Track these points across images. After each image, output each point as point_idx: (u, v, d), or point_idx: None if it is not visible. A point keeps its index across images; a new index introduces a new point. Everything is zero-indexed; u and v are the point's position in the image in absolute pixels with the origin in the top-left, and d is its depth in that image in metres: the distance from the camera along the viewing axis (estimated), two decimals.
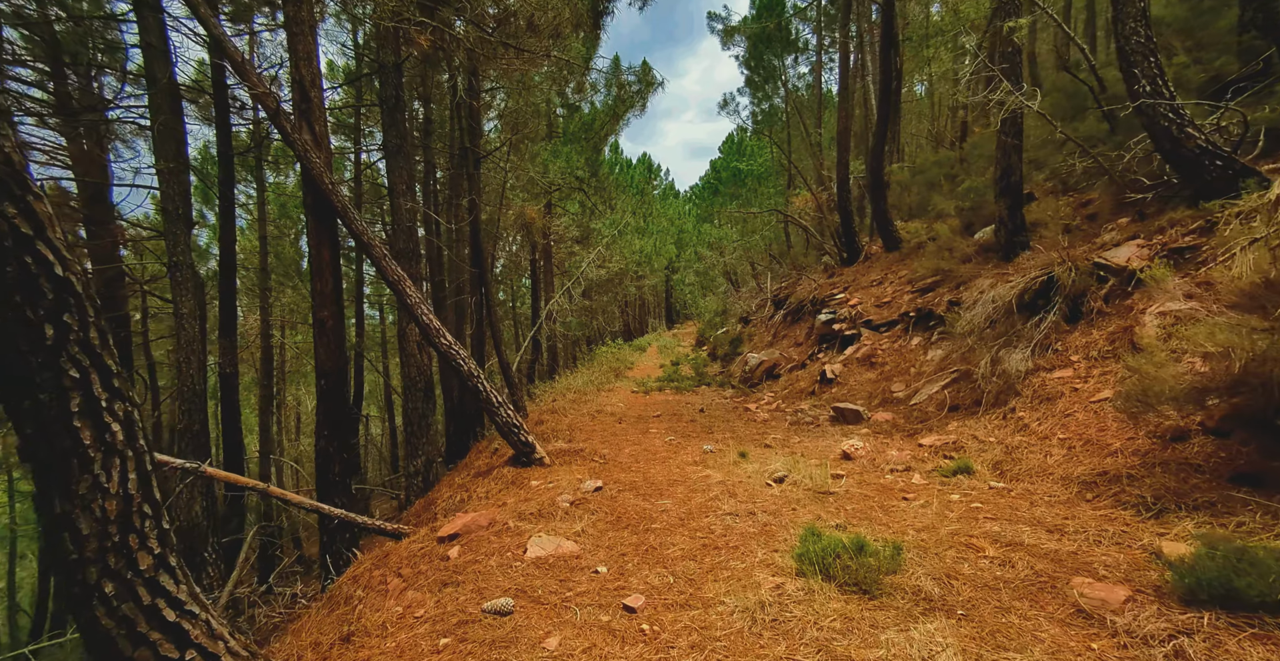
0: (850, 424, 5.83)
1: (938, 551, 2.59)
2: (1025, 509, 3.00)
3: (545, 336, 14.87)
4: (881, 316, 8.18)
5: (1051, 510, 2.93)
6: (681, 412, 7.75)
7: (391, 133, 5.96)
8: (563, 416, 7.55)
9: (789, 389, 8.61)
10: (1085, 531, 2.59)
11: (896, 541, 2.61)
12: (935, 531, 2.83)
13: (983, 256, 7.06)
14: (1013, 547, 2.54)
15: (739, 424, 6.58)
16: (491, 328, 9.94)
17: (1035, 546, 2.53)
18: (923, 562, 2.48)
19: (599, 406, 8.62)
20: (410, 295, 4.81)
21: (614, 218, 17.14)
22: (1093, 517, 2.73)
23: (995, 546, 2.57)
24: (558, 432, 6.28)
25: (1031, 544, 2.56)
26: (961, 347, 5.39)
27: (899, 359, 6.96)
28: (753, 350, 13.65)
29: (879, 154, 10.19)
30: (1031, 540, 2.60)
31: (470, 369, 4.88)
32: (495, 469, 5.01)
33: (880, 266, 10.34)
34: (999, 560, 2.43)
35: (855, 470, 4.13)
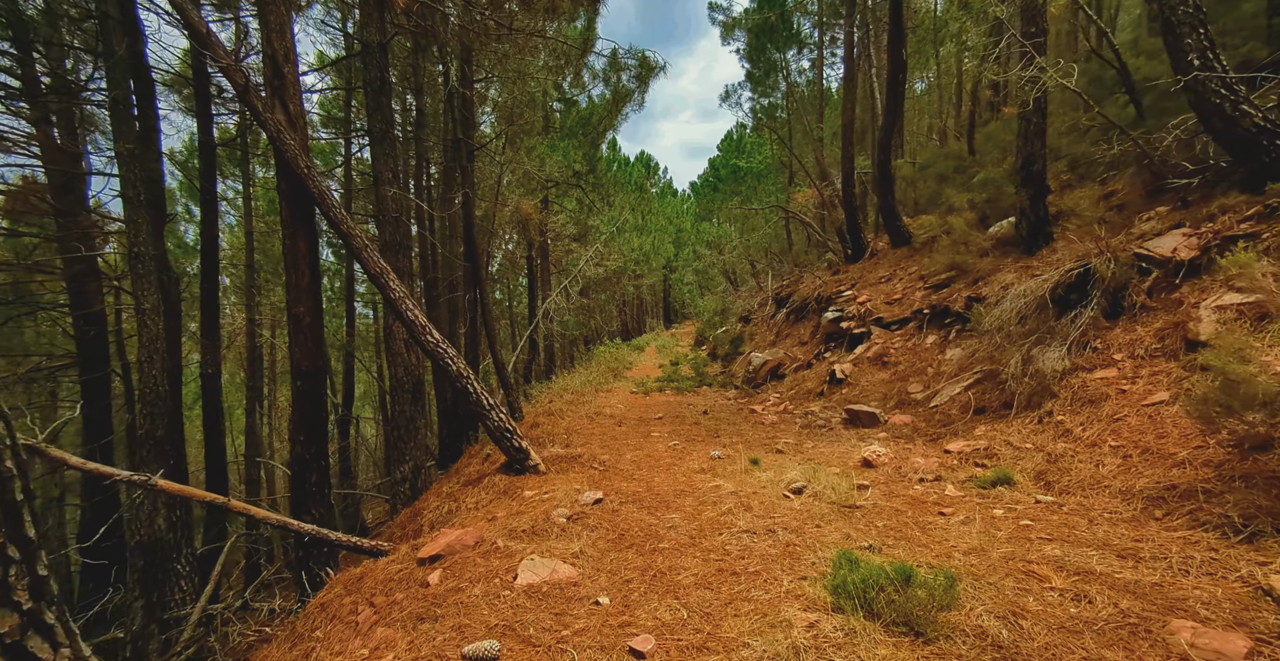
0: (866, 427, 5.46)
1: (994, 581, 2.22)
2: (1084, 528, 2.64)
3: (542, 336, 14.48)
4: (893, 314, 7.83)
5: (1116, 530, 2.57)
6: (684, 414, 7.38)
7: (376, 117, 5.57)
8: (560, 419, 7.17)
9: (795, 389, 8.25)
10: (1165, 557, 2.23)
11: (946, 568, 2.25)
12: (985, 555, 2.47)
13: (1001, 250, 6.70)
14: (1083, 577, 2.18)
15: (746, 427, 6.21)
16: (486, 326, 9.56)
17: (1110, 576, 2.16)
18: (979, 595, 2.11)
19: (597, 408, 8.24)
20: (394, 289, 4.43)
21: (612, 215, 16.77)
22: (1169, 540, 2.37)
23: (1061, 575, 2.20)
24: (554, 436, 5.90)
25: (1104, 572, 2.19)
26: (986, 346, 5.03)
27: (914, 358, 6.60)
28: (755, 349, 13.29)
29: (886, 146, 9.83)
30: (1103, 567, 2.23)
31: (459, 369, 4.49)
32: (487, 477, 4.62)
33: (888, 263, 9.98)
34: (1070, 593, 2.06)
35: (880, 479, 3.76)
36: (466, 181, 9.34)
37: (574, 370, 15.99)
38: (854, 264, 11.55)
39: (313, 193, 4.27)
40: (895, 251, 10.34)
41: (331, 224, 4.34)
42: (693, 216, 33.43)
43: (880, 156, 9.93)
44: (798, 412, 6.78)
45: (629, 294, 28.90)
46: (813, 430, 5.70)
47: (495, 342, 9.55)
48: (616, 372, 14.42)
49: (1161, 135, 4.43)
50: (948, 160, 9.49)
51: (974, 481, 3.44)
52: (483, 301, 9.56)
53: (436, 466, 11.23)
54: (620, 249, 19.49)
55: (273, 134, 4.22)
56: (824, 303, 10.45)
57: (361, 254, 4.37)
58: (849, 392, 6.80)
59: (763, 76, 16.45)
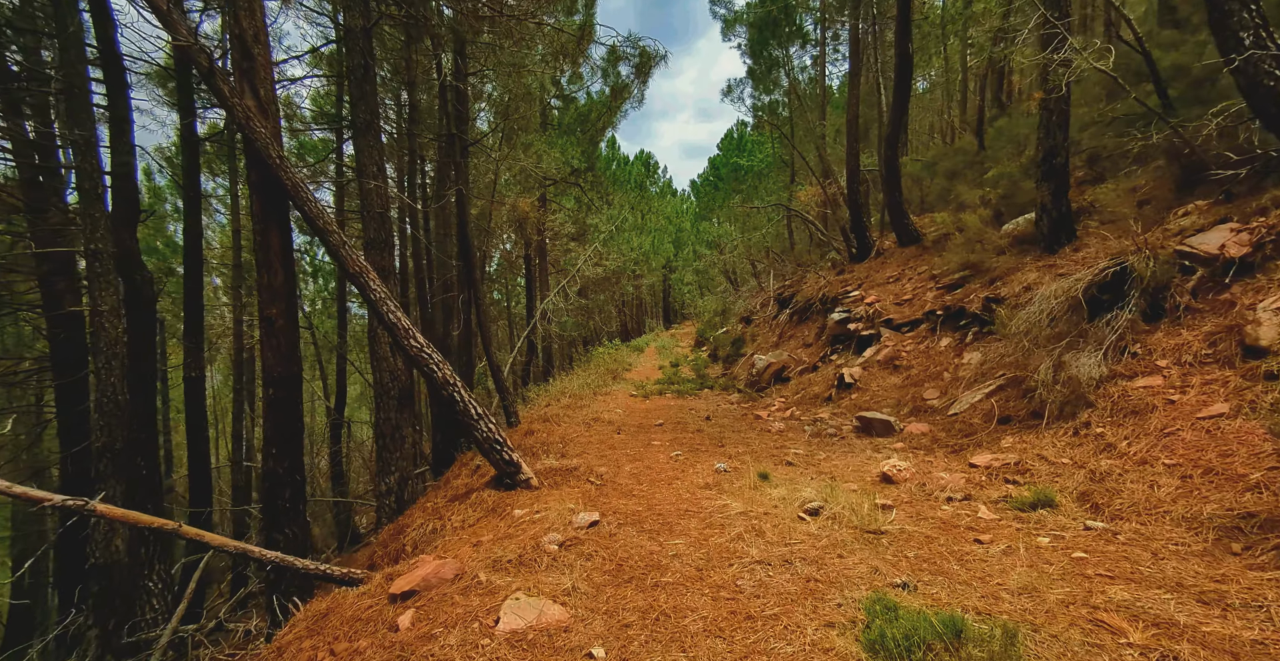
0: (880, 436, 5.12)
1: (1057, 632, 1.88)
2: (1149, 563, 2.30)
3: (540, 337, 14.14)
4: (903, 315, 7.49)
5: (1187, 566, 2.23)
6: (686, 421, 7.04)
7: (360, 107, 5.23)
8: (555, 425, 6.82)
9: (801, 394, 7.91)
10: (1261, 605, 1.89)
11: (999, 617, 1.91)
12: (1039, 597, 2.13)
13: (1019, 249, 6.37)
14: (1164, 629, 1.84)
15: (752, 435, 5.87)
16: (481, 328, 9.22)
17: (1196, 629, 1.83)
18: (1044, 652, 1.77)
19: (595, 413, 7.90)
20: (375, 290, 4.08)
21: (611, 213, 16.42)
22: (1258, 582, 2.03)
23: (1138, 627, 1.87)
24: (549, 446, 5.56)
25: (1188, 624, 1.86)
26: (1010, 350, 4.69)
27: (927, 362, 6.26)
28: (758, 351, 12.95)
29: (894, 142, 9.50)
30: (1185, 616, 1.90)
31: (445, 376, 4.15)
32: (475, 491, 4.28)
33: (895, 262, 9.65)
34: (1156, 653, 1.73)
35: (903, 498, 3.43)
36: (460, 178, 9.01)
37: (572, 372, 15.65)
38: (859, 263, 11.22)
39: (285, 185, 3.93)
40: (903, 250, 10.01)
41: (307, 219, 4.00)
42: (692, 216, 33.07)
43: (887, 152, 9.60)
44: (806, 419, 6.44)
45: (628, 294, 28.56)
46: (823, 439, 5.36)
47: (490, 345, 9.22)
48: (615, 375, 14.07)
49: (1202, 123, 4.10)
50: (957, 156, 9.16)
51: (1009, 502, 3.10)
52: (477, 302, 9.23)
53: (431, 471, 10.89)
54: (619, 248, 19.15)
55: (241, 121, 3.87)
56: (829, 303, 10.11)
57: (339, 251, 4.03)
58: (859, 398, 6.46)
59: (765, 73, 16.12)
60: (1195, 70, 5.02)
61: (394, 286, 5.37)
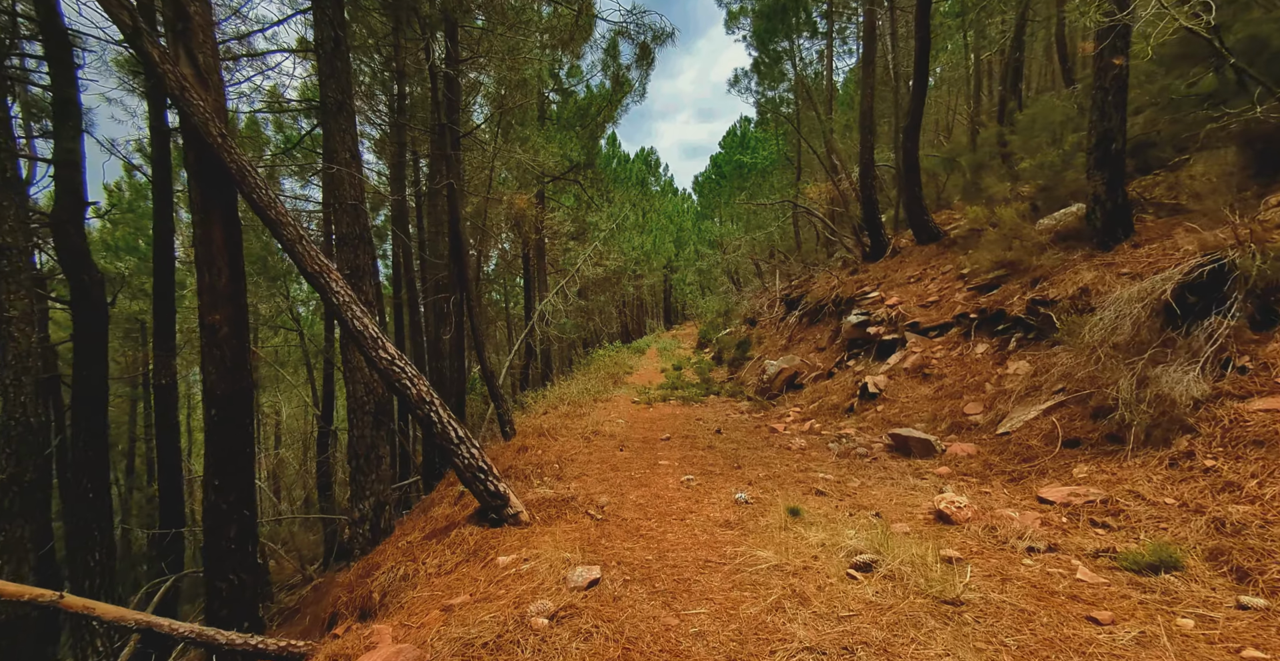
0: (919, 458, 4.49)
1: None
2: None
3: (538, 340, 13.51)
4: (930, 318, 6.85)
5: None
6: (695, 433, 6.40)
7: (330, 85, 4.61)
8: (552, 440, 6.19)
9: (818, 403, 7.27)
10: None
11: None
12: None
13: (1063, 245, 5.73)
14: None
15: (770, 453, 5.23)
16: (473, 331, 8.59)
17: None
18: None
19: (596, 424, 7.27)
20: (338, 293, 3.46)
21: (611, 211, 15.79)
22: None
23: None
24: (544, 467, 4.92)
25: None
26: (1077, 361, 4.05)
27: (963, 371, 5.62)
28: (765, 354, 12.31)
29: (913, 133, 8.86)
30: None
31: (420, 393, 3.52)
32: (456, 527, 3.65)
33: (915, 261, 9.01)
34: None
35: (970, 546, 2.79)
36: (451, 171, 8.38)
37: (572, 375, 15.02)
38: (874, 262, 10.58)
39: (230, 169, 3.31)
40: (921, 248, 9.37)
41: (256, 209, 3.38)
42: (694, 215, 32.42)
43: (906, 144, 8.96)
44: (829, 435, 5.81)
45: (629, 294, 27.93)
46: (853, 460, 4.72)
47: (484, 349, 8.59)
48: (616, 379, 13.44)
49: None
50: (982, 148, 8.52)
51: (1115, 559, 2.46)
52: (469, 304, 8.60)
53: (422, 482, 10.26)
54: (620, 247, 18.51)
55: (174, 92, 3.24)
56: (844, 305, 9.48)
57: (294, 247, 3.40)
58: (886, 411, 5.82)
59: (771, 65, 15.47)
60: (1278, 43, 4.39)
61: (372, 288, 4.74)
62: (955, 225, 9.48)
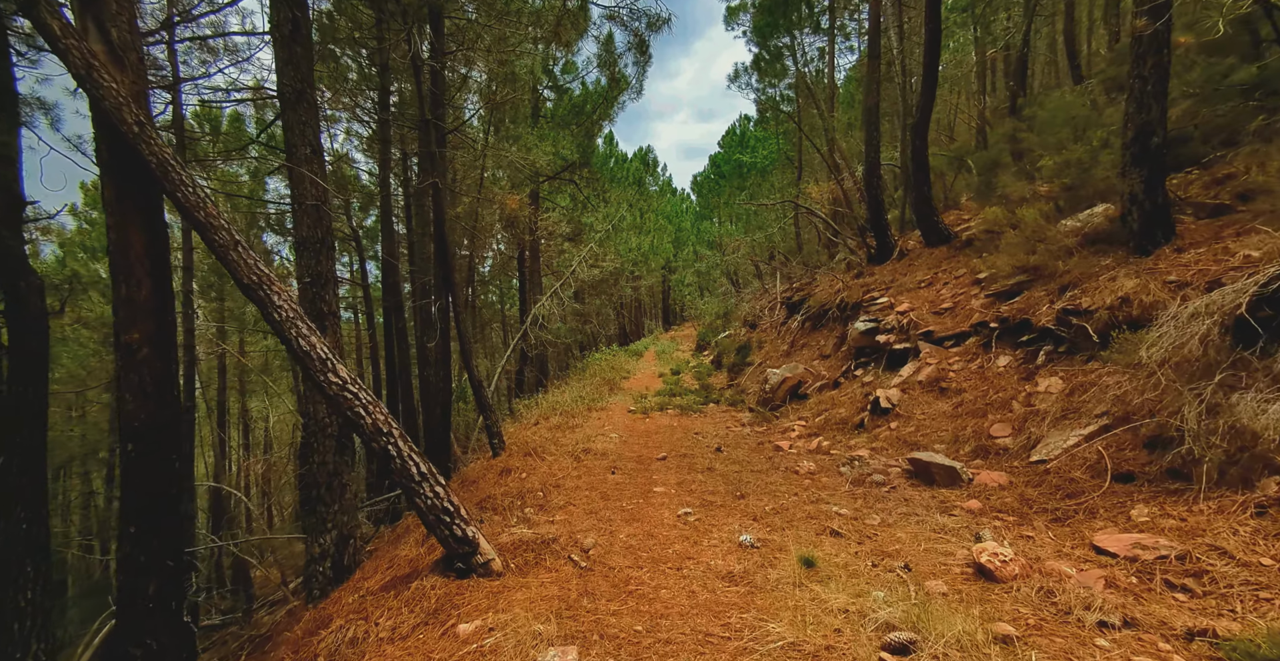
0: (943, 487, 4.00)
1: None
2: None
3: (531, 345, 13.01)
4: (944, 327, 6.37)
5: None
6: (693, 452, 5.91)
7: (288, 73, 4.10)
8: (539, 460, 5.69)
9: (825, 416, 6.79)
10: None
11: None
12: None
13: (1092, 249, 5.25)
14: None
15: (776, 478, 4.73)
16: (460, 338, 8.08)
17: None
18: None
19: (587, 439, 6.77)
20: (279, 307, 2.96)
21: (608, 211, 15.28)
22: None
23: None
24: (526, 494, 4.43)
25: None
26: (1130, 383, 3.57)
27: (984, 386, 5.14)
28: (766, 360, 11.83)
29: (922, 129, 8.38)
30: None
31: (375, 422, 3.03)
32: (418, 576, 3.16)
33: (925, 264, 8.53)
34: None
35: (1026, 617, 2.30)
36: (436, 169, 7.88)
37: (567, 381, 14.52)
38: (879, 265, 10.10)
39: (149, 162, 2.82)
40: (930, 251, 8.89)
41: (182, 210, 2.89)
42: (693, 216, 31.92)
43: (915, 142, 8.48)
44: (837, 454, 5.32)
45: (627, 296, 27.42)
46: (868, 489, 4.23)
47: (471, 358, 8.08)
48: (612, 385, 12.95)
49: None
50: (995, 145, 8.04)
51: (1216, 646, 1.97)
52: (455, 309, 8.09)
53: None
54: (616, 248, 18.00)
55: (79, 71, 2.74)
56: (849, 310, 8.99)
57: (227, 255, 2.90)
58: (901, 428, 5.34)
59: (772, 61, 14.98)
60: None
61: (332, 295, 4.25)
62: (966, 227, 9.00)
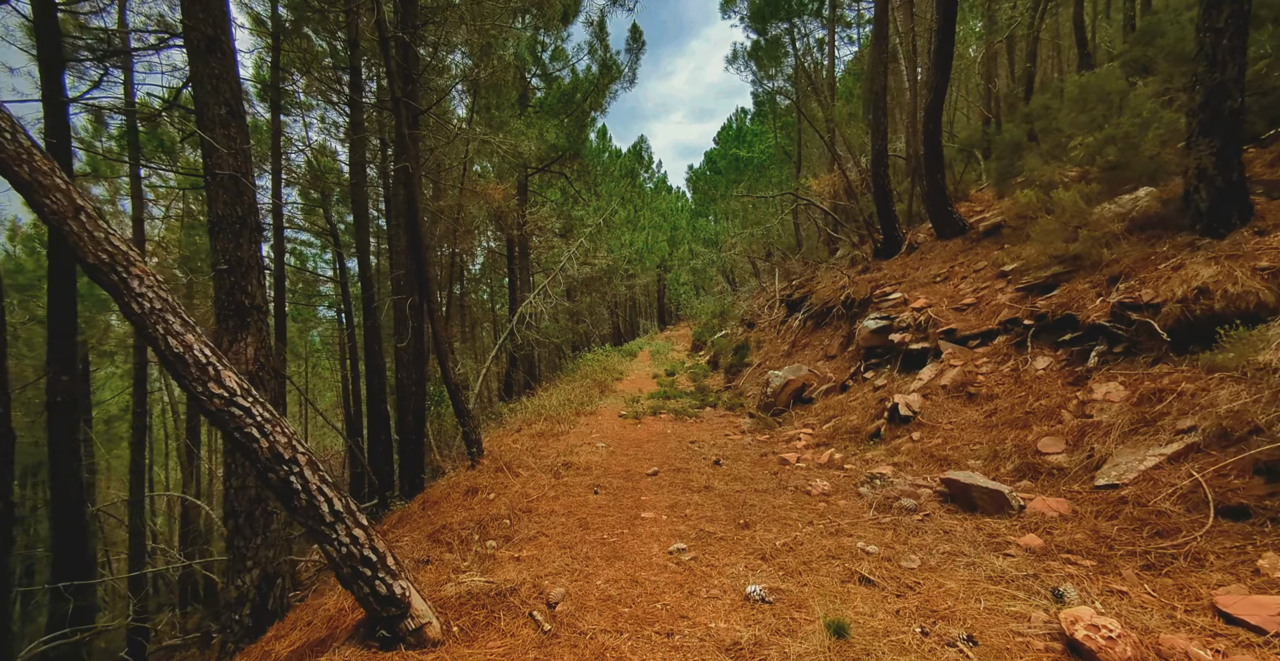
0: (988, 515, 3.30)
1: None
2: None
3: (517, 345, 12.27)
4: (968, 324, 5.67)
5: None
6: (688, 466, 5.19)
7: (195, 14, 3.34)
8: (512, 476, 4.96)
9: (834, 423, 6.09)
10: None
11: None
12: None
13: (1145, 234, 4.56)
14: None
15: (785, 500, 4.02)
16: (435, 339, 7.34)
17: None
18: None
19: (570, 450, 6.05)
20: (140, 296, 2.26)
21: (599, 205, 14.55)
22: None
23: None
24: (491, 522, 3.70)
25: None
26: (1228, 389, 2.87)
27: (1021, 392, 4.44)
28: (765, 361, 11.14)
29: (935, 111, 7.69)
30: None
31: (274, 446, 2.31)
32: (330, 645, 2.42)
33: (938, 257, 7.85)
34: None
35: None
36: (406, 153, 7.13)
37: (557, 383, 13.79)
38: (887, 260, 9.41)
39: None
40: (944, 244, 8.21)
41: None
42: (688, 214, 31.21)
43: (928, 124, 7.79)
44: (853, 469, 4.61)
45: (621, 295, 26.69)
46: (896, 516, 3.52)
47: (447, 360, 7.34)
48: (604, 387, 12.23)
49: None
50: (1020, 125, 7.36)
51: None
52: (429, 307, 7.34)
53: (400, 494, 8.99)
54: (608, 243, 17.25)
55: None
56: (856, 307, 8.30)
57: (64, 224, 2.17)
58: (926, 440, 4.63)
59: (770, 49, 14.27)
60: None
61: (256, 285, 3.52)
62: (980, 218, 8.33)
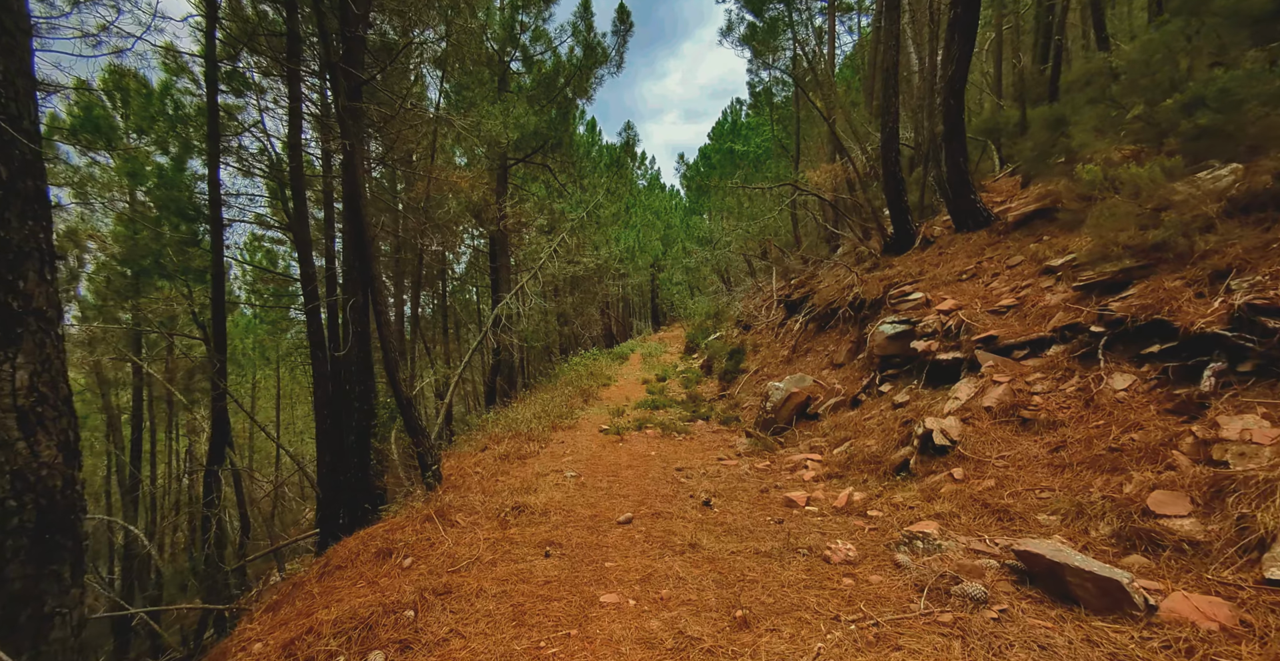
0: (1093, 613, 2.23)
1: None
2: None
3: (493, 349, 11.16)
4: (1011, 331, 4.62)
5: None
6: (671, 510, 4.11)
7: None
8: (444, 528, 3.85)
9: (847, 448, 5.03)
10: None
11: None
12: None
13: (1250, 219, 3.52)
14: None
15: (797, 572, 2.94)
16: (383, 344, 6.23)
17: None
18: None
19: (531, 483, 4.97)
20: None
21: (582, 197, 13.45)
22: None
23: None
24: (384, 621, 2.60)
25: None
26: None
27: (1098, 418, 3.39)
28: (763, 367, 10.08)
29: (958, 84, 6.65)
30: None
31: None
32: None
33: (962, 252, 6.80)
34: None
35: None
36: (347, 130, 6.04)
37: (539, 389, 12.69)
38: (898, 256, 8.36)
39: None
40: (966, 237, 7.17)
41: None
42: (682, 211, 30.14)
43: (949, 103, 6.75)
44: (880, 518, 3.53)
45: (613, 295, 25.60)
46: (959, 611, 2.45)
47: (395, 369, 6.24)
48: (588, 395, 11.14)
49: None
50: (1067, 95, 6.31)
51: None
52: (376, 308, 6.23)
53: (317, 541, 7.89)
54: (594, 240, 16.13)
55: None
56: (867, 308, 7.24)
57: None
58: (974, 481, 3.57)
59: (767, 33, 13.20)
60: None
61: (37, 281, 2.43)
62: (1005, 207, 7.30)
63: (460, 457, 7.39)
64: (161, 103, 9.94)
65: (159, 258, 9.85)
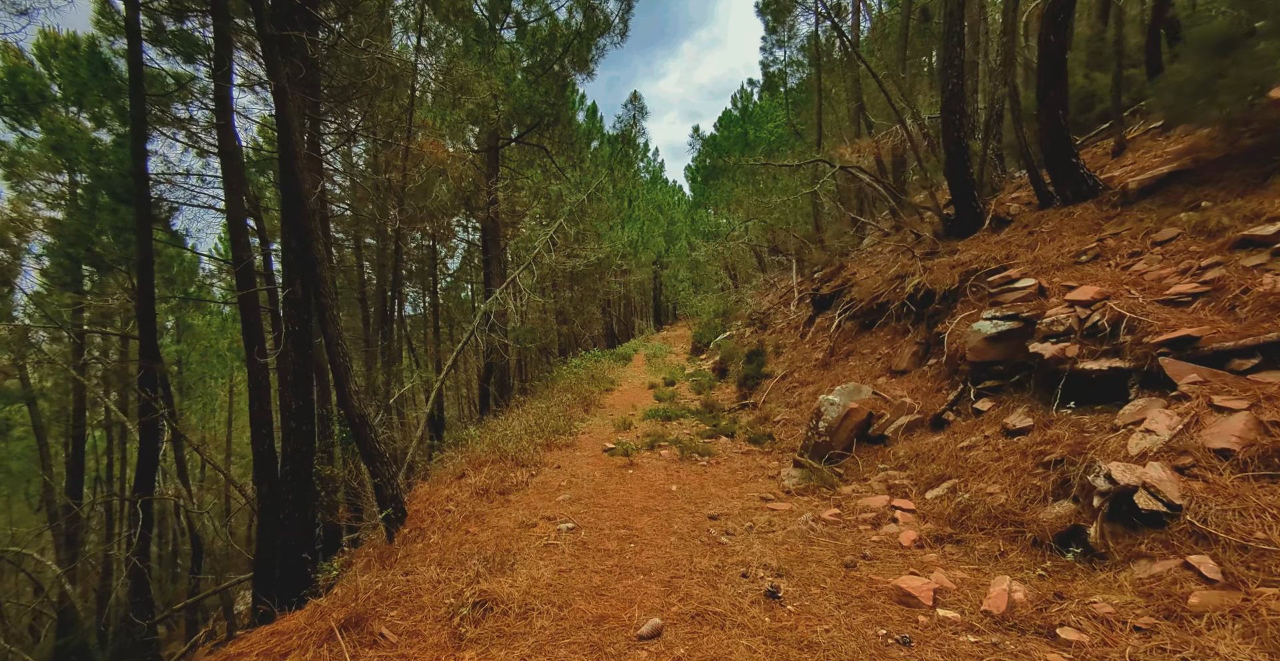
0: None
1: None
2: None
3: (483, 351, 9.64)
4: (1219, 331, 3.08)
5: None
6: (715, 608, 2.58)
7: None
8: (365, 641, 2.34)
9: (949, 495, 3.50)
10: None
11: None
12: None
13: None
14: None
15: None
16: (328, 347, 4.71)
17: None
18: None
19: (508, 546, 3.46)
20: None
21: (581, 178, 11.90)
22: None
23: None
24: None
25: None
26: None
27: None
28: (793, 371, 8.52)
29: (1066, 9, 5.09)
30: None
31: None
32: None
33: (1068, 229, 5.25)
34: None
35: None
36: (274, 66, 4.54)
37: (534, 395, 11.19)
38: (962, 239, 6.82)
39: None
40: (1066, 211, 5.63)
41: None
42: (686, 206, 28.57)
43: (1045, 29, 5.19)
44: (1083, 644, 2.01)
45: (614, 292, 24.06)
46: None
47: (345, 379, 4.73)
48: (589, 402, 9.61)
49: None
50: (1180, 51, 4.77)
51: None
52: (320, 302, 4.69)
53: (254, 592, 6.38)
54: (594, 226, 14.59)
55: None
56: (938, 301, 5.70)
57: None
58: (1234, 582, 2.03)
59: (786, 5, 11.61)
60: None
61: None
62: (1109, 176, 5.76)
63: (435, 483, 5.89)
64: (91, 67, 8.39)
65: (90, 246, 8.31)
